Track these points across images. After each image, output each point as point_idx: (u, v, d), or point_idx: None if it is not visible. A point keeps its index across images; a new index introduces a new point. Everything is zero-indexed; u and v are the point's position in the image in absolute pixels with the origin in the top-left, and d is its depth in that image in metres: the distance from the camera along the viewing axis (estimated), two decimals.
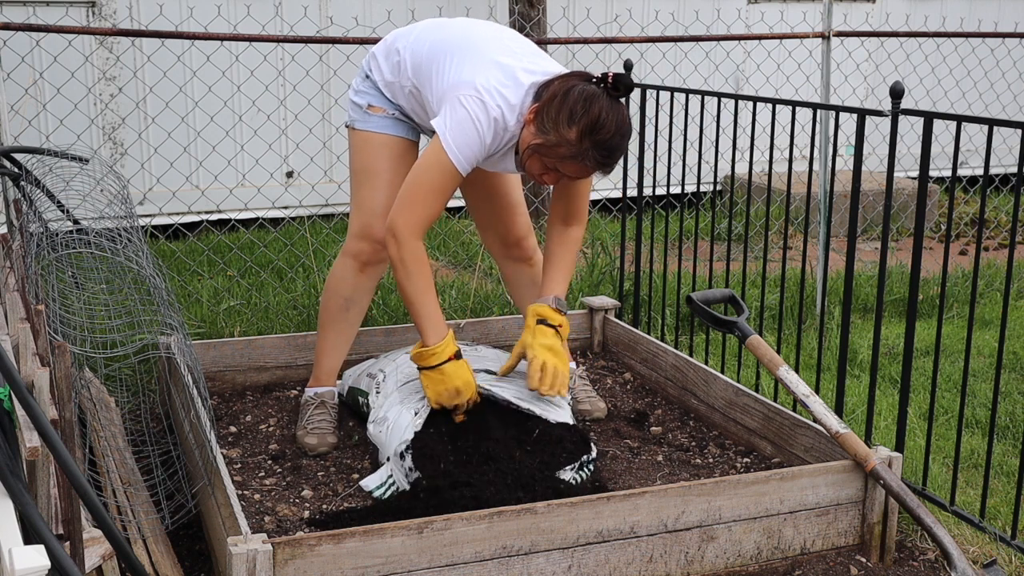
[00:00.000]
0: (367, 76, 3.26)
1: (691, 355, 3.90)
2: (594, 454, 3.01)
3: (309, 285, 4.91)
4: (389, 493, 2.91)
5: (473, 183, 3.43)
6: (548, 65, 3.04)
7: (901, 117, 3.05)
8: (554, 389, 3.03)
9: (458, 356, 2.98)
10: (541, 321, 3.10)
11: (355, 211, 3.29)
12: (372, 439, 3.07)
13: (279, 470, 3.11)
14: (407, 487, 2.85)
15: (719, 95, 3.74)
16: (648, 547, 2.61)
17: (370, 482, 2.97)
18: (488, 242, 3.53)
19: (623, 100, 2.90)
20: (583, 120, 2.82)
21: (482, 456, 2.84)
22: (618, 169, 4.27)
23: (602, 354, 4.15)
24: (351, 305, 3.34)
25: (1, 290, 2.67)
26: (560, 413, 3.07)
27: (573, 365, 3.63)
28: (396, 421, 2.96)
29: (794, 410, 3.31)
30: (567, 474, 2.88)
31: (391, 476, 2.93)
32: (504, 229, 3.46)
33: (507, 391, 3.08)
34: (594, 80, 2.88)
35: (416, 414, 2.94)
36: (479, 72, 2.95)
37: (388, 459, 2.95)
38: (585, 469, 2.95)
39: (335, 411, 3.36)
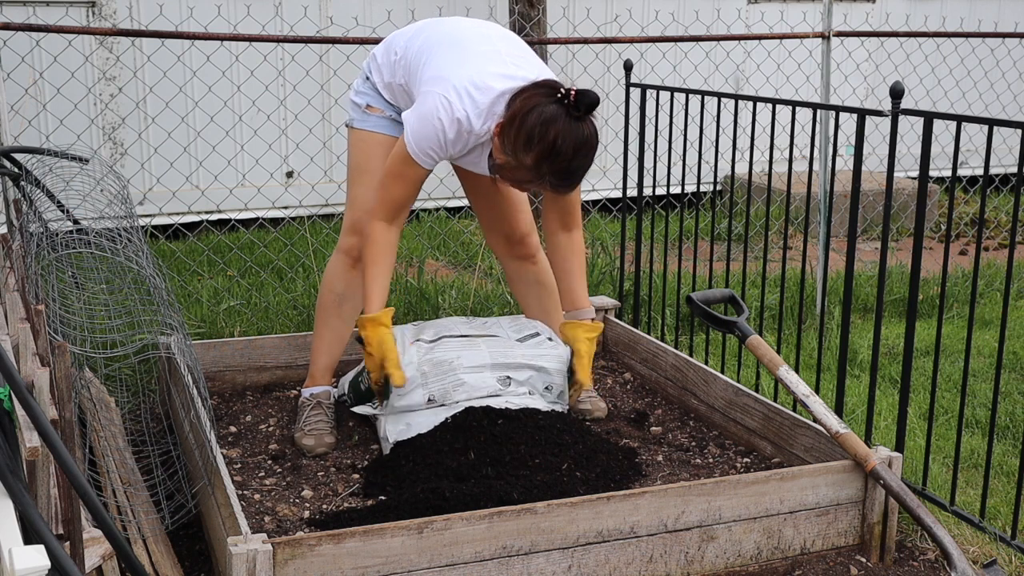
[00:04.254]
0: (367, 78, 3.29)
1: (691, 355, 3.90)
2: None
3: (309, 285, 4.91)
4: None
5: (476, 183, 3.44)
6: (531, 70, 2.99)
7: (901, 117, 3.05)
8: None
9: (361, 341, 3.11)
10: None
11: (348, 208, 3.33)
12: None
13: (279, 470, 3.11)
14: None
15: (719, 95, 3.74)
16: (648, 547, 2.62)
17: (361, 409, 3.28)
18: (492, 241, 3.54)
19: (587, 117, 2.83)
20: (539, 147, 2.80)
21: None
22: (618, 169, 4.29)
23: (602, 354, 4.15)
24: (344, 301, 3.37)
25: (1, 290, 2.67)
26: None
27: None
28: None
29: (794, 410, 3.31)
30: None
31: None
32: (508, 228, 3.47)
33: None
34: (559, 95, 2.83)
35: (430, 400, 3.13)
36: (455, 71, 2.97)
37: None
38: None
39: (331, 411, 3.36)
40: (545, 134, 2.79)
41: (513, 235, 3.48)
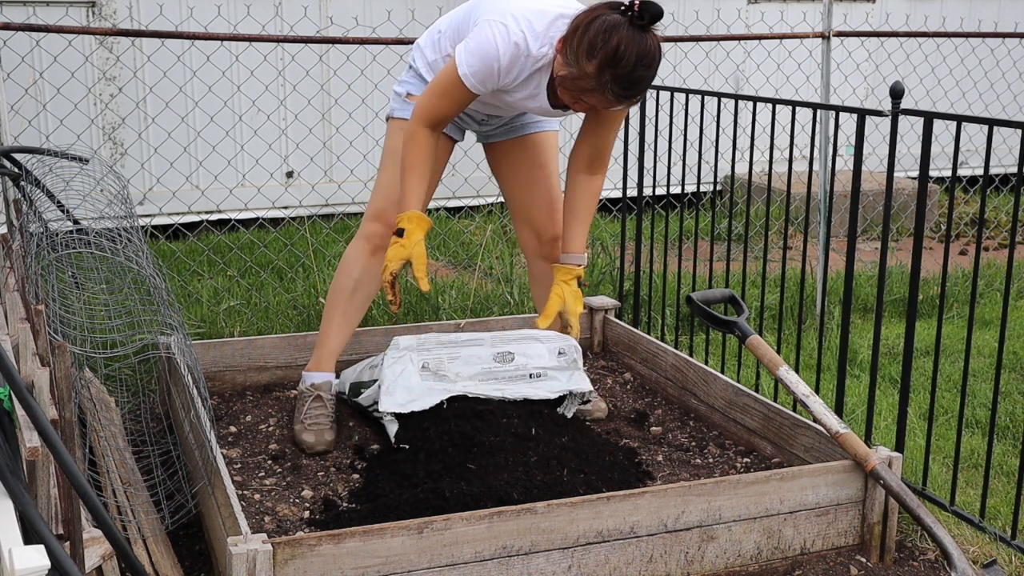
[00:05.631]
0: (410, 67, 3.33)
1: (691, 355, 3.90)
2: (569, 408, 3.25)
3: (309, 285, 4.91)
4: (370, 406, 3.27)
5: (514, 175, 3.44)
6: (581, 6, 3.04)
7: (901, 117, 3.05)
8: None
9: (399, 234, 3.06)
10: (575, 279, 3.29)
11: (375, 193, 3.35)
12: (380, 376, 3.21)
13: (279, 470, 3.11)
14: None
15: (719, 95, 3.74)
16: (648, 547, 2.62)
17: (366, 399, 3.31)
18: (523, 237, 3.54)
19: (650, 28, 2.82)
20: (602, 53, 2.79)
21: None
22: (618, 169, 4.28)
23: (602, 354, 4.15)
24: (359, 287, 3.36)
25: (1, 290, 2.67)
26: (559, 383, 3.23)
27: None
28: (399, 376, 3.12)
29: (794, 410, 3.31)
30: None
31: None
32: (541, 225, 3.47)
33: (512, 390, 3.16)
34: (621, 7, 2.83)
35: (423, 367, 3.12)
36: (510, 4, 3.00)
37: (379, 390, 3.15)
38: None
39: (332, 404, 3.35)
40: (608, 40, 2.78)
41: (545, 234, 3.47)
